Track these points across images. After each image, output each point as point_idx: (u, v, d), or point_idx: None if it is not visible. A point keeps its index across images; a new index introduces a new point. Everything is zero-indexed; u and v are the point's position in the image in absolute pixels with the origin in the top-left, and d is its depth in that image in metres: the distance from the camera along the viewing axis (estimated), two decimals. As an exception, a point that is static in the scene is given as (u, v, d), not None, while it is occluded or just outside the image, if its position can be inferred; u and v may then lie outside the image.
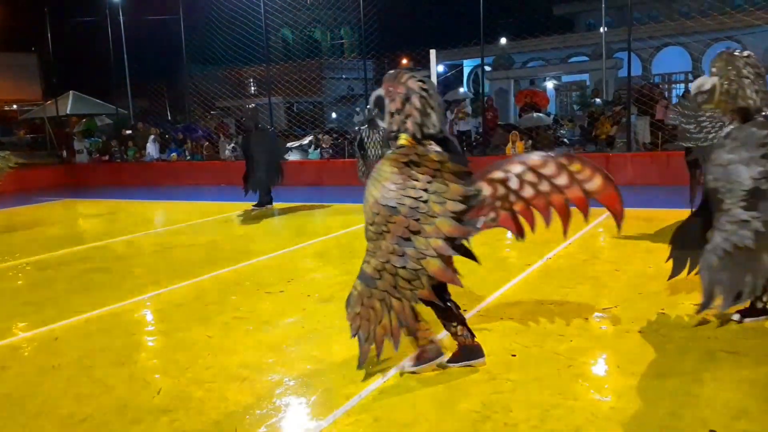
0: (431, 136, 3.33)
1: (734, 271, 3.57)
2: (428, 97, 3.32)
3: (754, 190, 3.49)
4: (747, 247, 3.50)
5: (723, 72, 3.73)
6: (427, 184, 3.10)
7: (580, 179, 3.19)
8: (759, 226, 3.48)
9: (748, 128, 3.59)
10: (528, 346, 3.77)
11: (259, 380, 3.53)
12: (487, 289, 4.97)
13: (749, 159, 3.51)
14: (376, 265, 3.21)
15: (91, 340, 4.36)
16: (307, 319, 4.56)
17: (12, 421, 3.21)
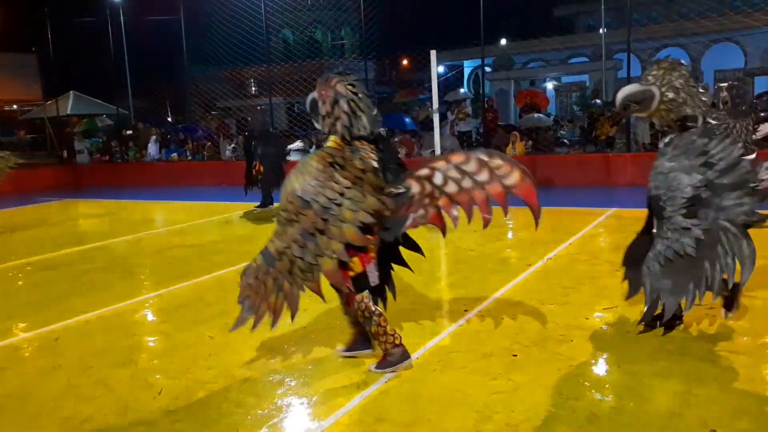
0: (362, 137, 3.47)
1: (676, 278, 3.60)
2: (357, 100, 3.46)
3: (694, 198, 3.53)
4: (688, 255, 3.54)
5: (665, 81, 3.71)
6: (346, 189, 3.24)
7: (500, 175, 3.40)
8: (699, 234, 3.51)
9: (689, 136, 3.63)
10: (529, 346, 3.77)
11: (260, 380, 3.54)
12: (489, 290, 4.98)
13: (690, 167, 3.55)
14: (279, 248, 3.30)
15: (91, 341, 4.36)
16: (308, 319, 4.56)
17: (13, 422, 3.21)
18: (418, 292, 5.13)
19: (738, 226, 3.50)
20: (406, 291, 5.14)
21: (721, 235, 3.50)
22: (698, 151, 3.54)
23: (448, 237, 7.48)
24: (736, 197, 3.49)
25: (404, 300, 4.87)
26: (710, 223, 3.51)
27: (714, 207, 3.51)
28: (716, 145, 3.54)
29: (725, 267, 3.49)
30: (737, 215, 3.49)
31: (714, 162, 3.52)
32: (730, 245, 3.48)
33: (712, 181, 3.51)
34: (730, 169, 3.50)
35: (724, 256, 3.48)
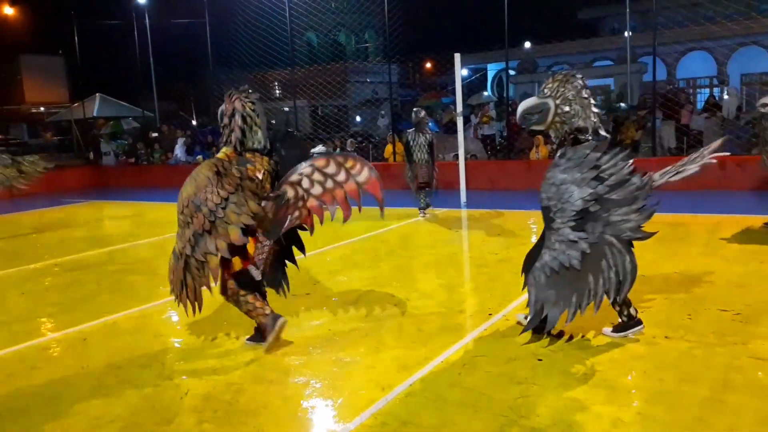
0: (255, 149, 3.98)
1: (561, 290, 3.64)
2: (254, 116, 3.97)
3: (583, 212, 3.58)
4: (573, 267, 3.59)
5: (559, 93, 3.77)
6: (230, 194, 3.70)
7: (354, 173, 3.90)
8: (586, 248, 3.57)
9: (582, 150, 3.68)
10: (554, 351, 3.74)
11: (285, 382, 3.56)
12: (513, 294, 4.93)
13: (581, 180, 3.59)
14: (179, 248, 3.75)
15: (119, 341, 4.42)
16: (333, 321, 4.58)
17: (44, 420, 3.26)
18: (443, 295, 5.12)
19: (623, 241, 3.58)
20: (431, 294, 5.15)
21: (606, 249, 3.57)
22: (590, 165, 3.60)
23: (472, 241, 7.50)
24: (623, 213, 3.57)
25: (429, 303, 4.89)
26: (597, 237, 3.58)
27: (602, 221, 3.58)
28: (608, 160, 3.61)
29: (608, 281, 3.57)
30: (623, 231, 3.56)
31: (605, 177, 3.58)
32: (614, 260, 3.56)
33: (602, 195, 3.58)
34: (619, 185, 3.58)
35: (607, 270, 3.57)
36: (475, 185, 11.15)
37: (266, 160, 4.05)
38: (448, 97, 21.79)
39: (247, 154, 3.97)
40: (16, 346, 4.40)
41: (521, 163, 12.78)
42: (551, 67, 28.46)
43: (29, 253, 8.10)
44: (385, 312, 4.72)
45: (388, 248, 7.34)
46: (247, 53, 16.35)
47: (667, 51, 20.80)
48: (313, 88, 17.26)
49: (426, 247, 7.39)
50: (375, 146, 16.39)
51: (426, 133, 9.04)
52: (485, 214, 9.33)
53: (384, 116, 20.38)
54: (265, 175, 4.01)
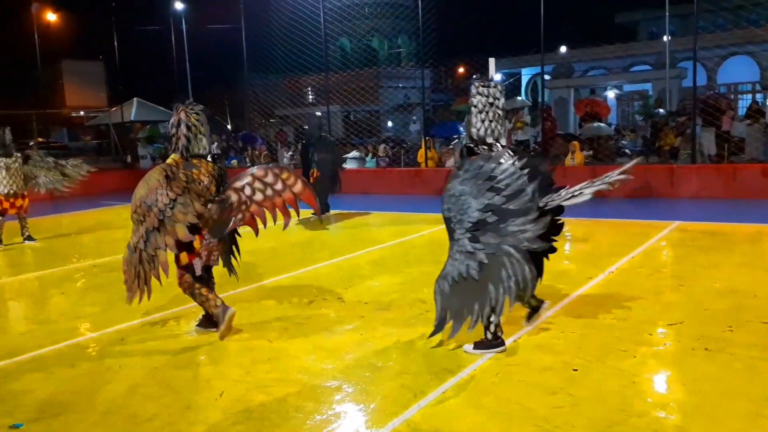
0: (200, 155, 4.44)
1: (463, 299, 3.72)
2: (198, 125, 4.44)
3: (480, 223, 3.63)
4: (472, 278, 3.66)
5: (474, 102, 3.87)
6: (178, 196, 4.13)
7: (289, 184, 4.40)
8: (483, 258, 3.63)
9: (478, 161, 3.72)
10: (590, 361, 3.69)
11: (318, 386, 3.57)
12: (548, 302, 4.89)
13: (478, 191, 3.64)
14: (134, 242, 4.20)
15: (155, 342, 4.50)
16: (365, 326, 4.59)
17: (83, 417, 3.32)
18: (475, 302, 5.08)
19: (521, 251, 3.62)
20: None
21: (505, 260, 3.62)
22: (485, 176, 3.64)
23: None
24: (520, 223, 3.61)
25: (461, 310, 4.85)
26: (495, 248, 3.63)
27: (500, 232, 3.62)
28: (503, 171, 3.64)
29: (508, 290, 3.63)
30: (521, 241, 3.61)
31: (501, 188, 3.61)
32: (513, 270, 3.62)
33: (499, 206, 3.61)
34: (515, 195, 3.60)
35: (507, 279, 3.63)
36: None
37: (211, 165, 4.49)
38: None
39: (194, 159, 4.41)
40: (56, 344, 4.51)
41: (556, 170, 12.63)
42: (587, 72, 28.14)
43: (69, 253, 8.30)
44: (416, 318, 4.71)
45: (419, 254, 7.33)
46: (281, 59, 16.54)
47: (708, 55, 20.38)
48: (346, 94, 17.35)
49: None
50: (407, 151, 16.40)
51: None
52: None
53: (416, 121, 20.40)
54: (209, 179, 4.44)
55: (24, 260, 8.18)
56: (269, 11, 16.42)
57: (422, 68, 14.70)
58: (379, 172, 14.80)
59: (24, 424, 3.24)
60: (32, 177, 8.96)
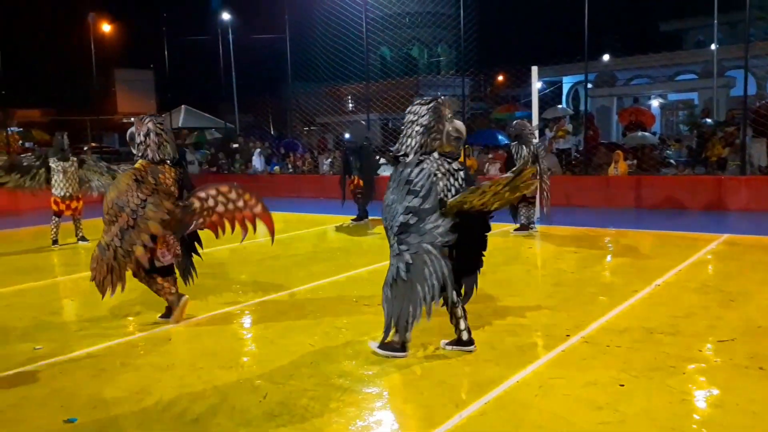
0: (164, 160, 4.94)
1: (401, 301, 3.88)
2: (163, 133, 4.97)
3: (404, 225, 3.84)
4: (402, 279, 3.84)
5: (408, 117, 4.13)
6: (148, 197, 4.64)
7: (250, 205, 4.93)
8: (408, 258, 3.82)
9: (400, 168, 3.97)
10: (637, 377, 3.61)
11: (359, 392, 3.58)
12: (592, 315, 4.83)
13: (401, 197, 3.86)
14: (107, 241, 4.64)
15: (201, 343, 4.58)
16: (405, 334, 4.58)
17: (131, 415, 3.40)
18: (517, 313, 5.04)
19: (437, 247, 3.79)
20: (504, 311, 5.08)
21: (426, 257, 3.80)
22: (405, 181, 3.88)
23: (546, 258, 7.36)
24: (434, 220, 3.80)
25: (503, 320, 4.82)
26: (417, 247, 3.82)
27: (419, 232, 3.82)
28: (418, 174, 3.85)
29: (431, 288, 3.79)
30: (435, 237, 3.79)
31: (417, 189, 3.82)
32: (433, 267, 3.78)
33: (417, 207, 3.81)
34: (428, 195, 3.81)
35: (429, 277, 3.79)
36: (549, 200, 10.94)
37: (173, 170, 5.00)
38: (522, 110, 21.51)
39: (159, 165, 4.91)
40: (108, 342, 4.62)
41: (599, 179, 12.46)
42: (630, 81, 27.66)
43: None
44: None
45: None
46: (323, 68, 16.73)
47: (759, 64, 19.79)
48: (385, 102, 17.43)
49: (498, 264, 7.29)
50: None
51: (530, 144, 8.72)
52: (560, 230, 9.14)
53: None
54: (172, 182, 4.95)
55: (77, 260, 8.43)
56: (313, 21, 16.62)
57: (463, 77, 14.66)
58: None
59: (77, 419, 3.33)
60: (86, 180, 9.24)
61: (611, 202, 11.66)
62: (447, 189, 3.96)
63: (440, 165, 3.96)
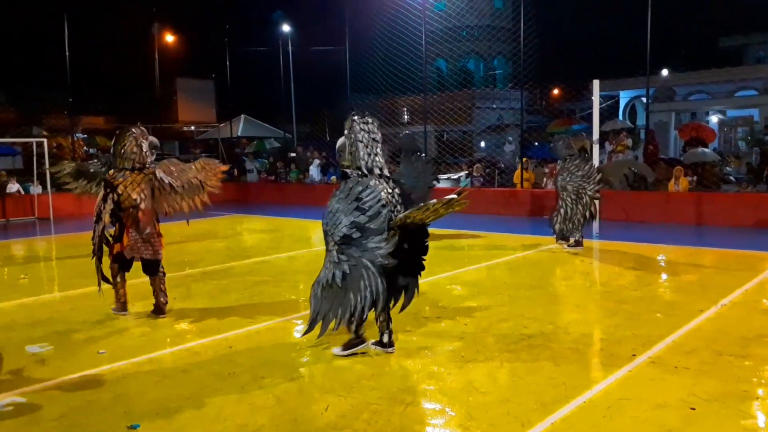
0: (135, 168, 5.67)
1: (330, 302, 4.21)
2: (141, 146, 5.72)
3: (346, 237, 4.15)
4: (336, 285, 4.17)
5: (351, 134, 4.41)
6: (105, 196, 5.49)
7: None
8: (346, 269, 4.15)
9: (350, 183, 4.25)
10: (708, 400, 3.48)
11: (421, 407, 3.56)
12: (658, 334, 4.68)
13: (348, 209, 4.16)
14: (93, 234, 5.46)
15: (262, 351, 4.63)
16: (465, 348, 4.54)
17: (193, 423, 3.45)
18: (580, 330, 4.93)
19: (376, 266, 4.10)
20: (566, 328, 4.97)
21: (363, 272, 4.12)
22: (354, 197, 4.17)
23: (606, 275, 7.18)
24: (377, 241, 4.10)
25: (566, 338, 4.72)
26: (356, 261, 4.14)
27: (361, 247, 4.13)
28: (368, 195, 4.15)
29: (364, 299, 4.11)
30: (376, 257, 4.10)
31: (365, 208, 4.12)
32: (369, 281, 4.10)
33: (363, 224, 4.11)
34: (375, 216, 4.11)
35: (364, 290, 4.11)
36: (608, 215, 10.72)
37: (140, 176, 5.66)
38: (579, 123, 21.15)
39: (126, 171, 5.62)
40: (170, 348, 4.74)
41: (659, 195, 12.12)
42: (688, 96, 26.92)
43: (180, 260, 8.72)
44: (518, 343, 4.61)
45: (517, 277, 7.18)
46: (381, 79, 16.83)
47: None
48: (441, 114, 17.42)
49: (557, 278, 7.18)
50: (501, 172, 16.23)
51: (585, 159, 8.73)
52: (619, 246, 8.92)
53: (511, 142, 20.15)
54: (132, 186, 5.59)
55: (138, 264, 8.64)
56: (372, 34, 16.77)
57: (521, 90, 14.54)
58: (473, 191, 14.69)
59: (140, 425, 3.39)
60: None
61: (671, 218, 11.33)
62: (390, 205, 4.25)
63: (384, 186, 4.30)
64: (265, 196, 18.46)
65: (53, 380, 4.12)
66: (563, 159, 8.85)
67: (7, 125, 18.19)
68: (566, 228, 8.74)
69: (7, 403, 3.77)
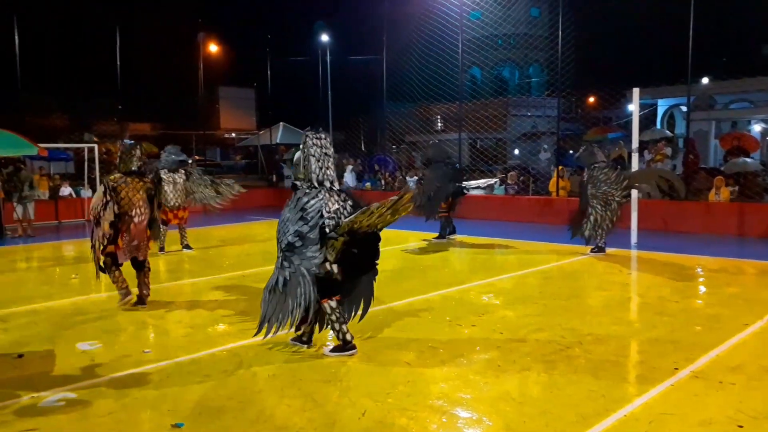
0: (134, 172, 6.21)
1: (275, 307, 4.47)
2: (133, 155, 6.26)
3: (290, 245, 4.41)
4: (279, 290, 4.44)
5: (306, 148, 4.66)
6: (107, 202, 5.88)
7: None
8: (287, 275, 4.43)
9: (299, 194, 4.54)
10: (757, 418, 3.40)
11: (458, 415, 3.55)
12: (701, 348, 4.59)
13: (294, 219, 4.44)
14: (91, 237, 6.00)
15: (301, 354, 4.67)
16: (502, 357, 4.51)
17: (234, 423, 3.50)
18: (619, 342, 4.87)
19: (311, 274, 4.38)
20: (605, 340, 4.91)
21: (300, 279, 4.38)
22: (300, 207, 4.47)
23: (645, 285, 7.08)
24: (314, 251, 4.38)
25: (604, 349, 4.67)
26: (296, 268, 4.40)
27: (301, 255, 4.40)
28: (312, 207, 4.43)
29: (298, 307, 4.37)
30: (312, 266, 4.37)
31: (308, 219, 4.40)
32: (304, 289, 4.37)
33: (305, 234, 4.39)
34: (314, 227, 4.38)
35: (300, 297, 4.36)
36: (646, 225, 10.56)
37: (138, 181, 6.12)
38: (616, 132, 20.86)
39: (127, 177, 6.11)
40: (211, 349, 4.81)
41: (699, 205, 11.88)
42: (730, 105, 26.33)
43: (220, 263, 8.88)
44: (556, 354, 4.57)
45: (553, 286, 7.12)
46: (416, 88, 16.88)
47: None
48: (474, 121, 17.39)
49: (594, 288, 7.09)
50: (535, 180, 16.11)
51: (619, 167, 8.78)
52: (658, 257, 8.78)
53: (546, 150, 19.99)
54: (132, 192, 6.04)
55: (182, 267, 8.87)
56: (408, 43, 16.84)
57: (558, 98, 14.43)
58: (508, 199, 14.62)
59: (184, 424, 3.47)
60: (191, 192, 9.75)
61: (712, 229, 11.09)
62: (339, 215, 4.50)
63: (330, 198, 4.52)
64: (301, 201, 18.61)
65: (102, 377, 4.25)
66: (589, 167, 8.91)
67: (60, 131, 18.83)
68: (596, 234, 8.76)
69: (59, 398, 3.88)
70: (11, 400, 3.85)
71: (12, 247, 11.39)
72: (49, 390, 4.00)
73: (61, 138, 18.07)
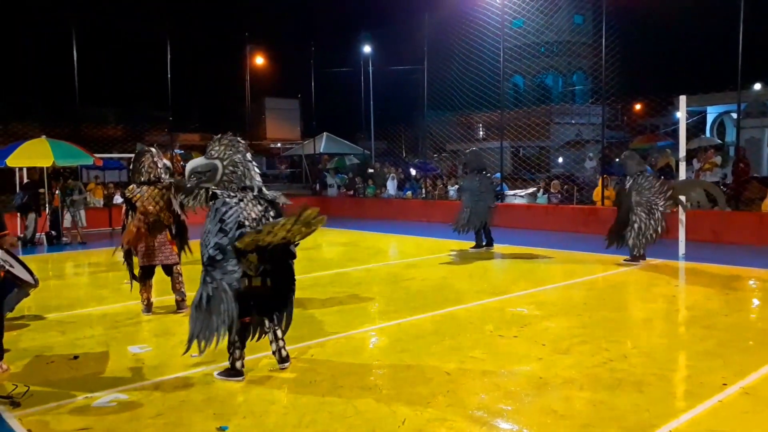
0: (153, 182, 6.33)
1: (200, 324, 4.18)
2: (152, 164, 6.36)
3: (211, 259, 4.14)
4: (203, 307, 4.15)
5: (226, 155, 4.37)
6: (129, 211, 6.29)
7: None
8: (210, 291, 4.14)
9: (218, 203, 4.25)
10: (809, 437, 3.31)
11: (498, 427, 3.53)
12: (751, 363, 4.46)
13: (214, 230, 4.16)
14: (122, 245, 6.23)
15: (341, 360, 4.73)
16: (544, 369, 4.47)
17: (277, 429, 3.55)
18: (665, 356, 4.77)
19: (233, 289, 4.12)
20: (650, 353, 4.82)
21: (223, 295, 4.11)
22: (219, 217, 4.17)
23: (693, 298, 6.92)
24: (233, 264, 4.12)
25: (649, 363, 4.58)
26: (218, 283, 4.13)
27: (222, 270, 4.13)
28: (230, 215, 4.17)
29: (222, 324, 4.11)
30: (232, 281, 4.11)
31: (227, 230, 4.13)
32: (226, 306, 4.10)
33: (225, 246, 4.11)
34: (234, 239, 4.09)
35: (223, 313, 4.11)
36: (695, 236, 10.30)
37: (155, 190, 6.26)
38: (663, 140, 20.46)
39: (144, 186, 6.24)
40: (254, 354, 4.83)
41: (751, 216, 11.53)
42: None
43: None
44: (599, 367, 4.51)
45: (597, 298, 7.01)
46: (457, 96, 16.89)
47: None
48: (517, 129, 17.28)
49: (639, 300, 6.97)
50: (580, 189, 15.88)
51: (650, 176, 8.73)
52: (707, 268, 8.56)
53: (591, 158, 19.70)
54: (149, 200, 6.18)
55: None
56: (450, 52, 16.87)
57: (603, 105, 14.23)
58: (551, 208, 14.45)
59: (228, 428, 3.54)
60: None
61: (764, 240, 10.73)
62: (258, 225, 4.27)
63: (253, 207, 4.33)
64: (344, 210, 18.87)
65: (152, 380, 4.40)
66: (633, 175, 8.81)
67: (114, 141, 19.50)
68: (639, 243, 8.64)
69: (111, 399, 4.04)
70: (66, 400, 4.02)
71: (68, 253, 11.83)
72: (102, 391, 4.16)
73: (116, 148, 18.70)
